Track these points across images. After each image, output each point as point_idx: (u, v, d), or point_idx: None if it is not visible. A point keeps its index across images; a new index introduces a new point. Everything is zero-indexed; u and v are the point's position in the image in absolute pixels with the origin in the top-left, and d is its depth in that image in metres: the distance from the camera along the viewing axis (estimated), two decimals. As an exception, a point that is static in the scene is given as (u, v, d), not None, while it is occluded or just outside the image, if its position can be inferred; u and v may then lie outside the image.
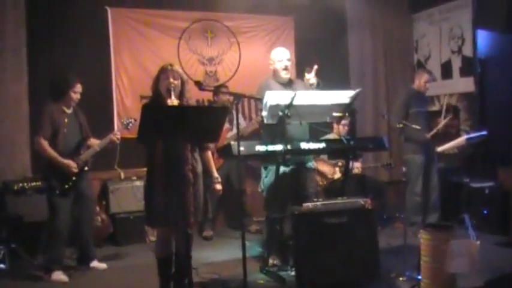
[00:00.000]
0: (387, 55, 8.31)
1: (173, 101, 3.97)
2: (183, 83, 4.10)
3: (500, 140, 6.71)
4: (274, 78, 5.21)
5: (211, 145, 6.22)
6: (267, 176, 5.11)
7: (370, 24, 8.22)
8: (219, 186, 4.36)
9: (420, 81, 6.46)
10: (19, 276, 5.16)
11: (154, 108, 3.91)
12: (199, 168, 4.15)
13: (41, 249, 5.36)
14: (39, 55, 6.36)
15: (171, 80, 4.00)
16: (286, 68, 5.15)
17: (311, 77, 5.03)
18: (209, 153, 4.33)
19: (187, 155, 3.88)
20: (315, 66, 5.03)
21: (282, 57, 5.17)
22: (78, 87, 5.19)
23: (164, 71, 4.07)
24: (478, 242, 4.09)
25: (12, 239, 5.46)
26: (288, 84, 5.18)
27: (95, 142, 5.29)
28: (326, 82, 5.08)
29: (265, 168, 5.15)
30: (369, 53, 8.22)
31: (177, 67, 4.15)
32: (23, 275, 5.18)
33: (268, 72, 5.29)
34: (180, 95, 4.08)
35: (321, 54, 7.35)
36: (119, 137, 5.20)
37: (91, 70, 6.40)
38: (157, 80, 4.11)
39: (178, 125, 3.60)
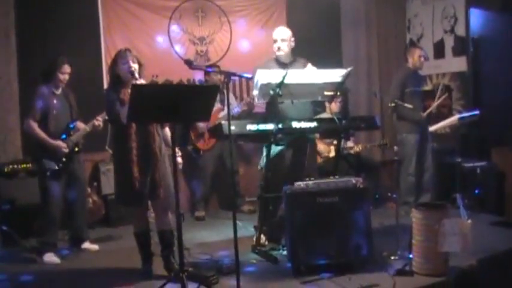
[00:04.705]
0: (381, 36, 8.25)
1: (140, 80, 4.13)
2: (140, 65, 4.27)
3: (493, 120, 6.70)
4: (275, 59, 5.18)
5: (203, 125, 6.25)
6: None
7: (364, 5, 8.13)
8: (179, 160, 4.49)
9: (414, 57, 6.38)
10: (11, 258, 5.14)
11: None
12: (163, 144, 4.32)
13: (35, 232, 5.33)
14: (29, 36, 6.26)
15: (131, 63, 4.17)
16: (278, 49, 5.11)
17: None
18: (167, 128, 4.44)
19: (155, 133, 4.16)
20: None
21: (276, 37, 5.16)
22: (66, 68, 5.14)
23: (123, 56, 4.22)
24: (470, 221, 4.10)
25: (4, 221, 5.44)
26: (289, 65, 5.10)
27: (81, 126, 5.27)
28: (319, 63, 5.06)
29: (267, 146, 5.10)
30: (363, 33, 8.14)
31: (134, 52, 4.30)
32: (15, 257, 5.17)
33: (260, 52, 5.25)
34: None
35: (313, 35, 7.31)
36: (101, 123, 5.18)
37: (81, 51, 6.27)
38: (115, 64, 4.26)
39: (169, 104, 3.59)
